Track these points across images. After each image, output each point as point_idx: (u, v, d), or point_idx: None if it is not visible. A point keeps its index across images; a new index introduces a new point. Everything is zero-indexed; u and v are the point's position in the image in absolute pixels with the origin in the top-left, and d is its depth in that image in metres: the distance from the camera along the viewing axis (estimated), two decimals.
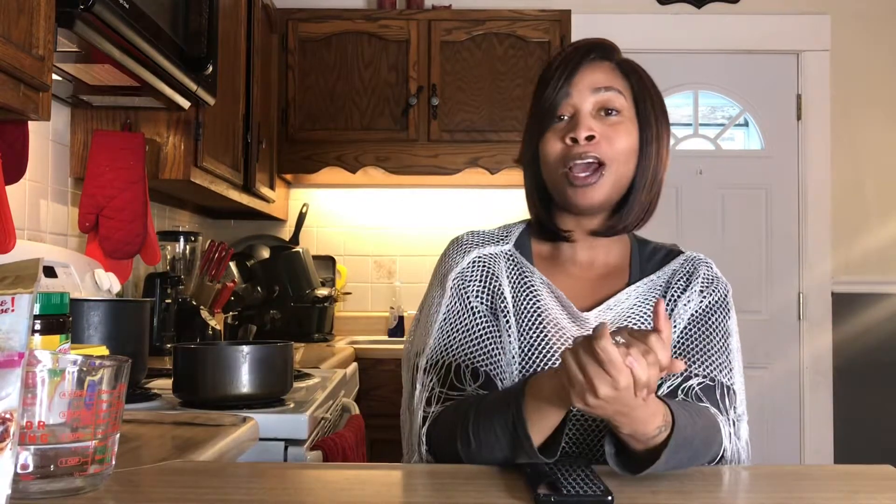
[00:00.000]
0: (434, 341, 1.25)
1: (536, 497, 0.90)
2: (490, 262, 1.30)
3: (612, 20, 3.74)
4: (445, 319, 1.26)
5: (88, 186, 2.19)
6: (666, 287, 1.30)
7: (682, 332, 1.25)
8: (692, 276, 1.30)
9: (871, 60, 3.74)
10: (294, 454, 1.60)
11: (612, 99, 1.25)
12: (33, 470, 0.84)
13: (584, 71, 1.26)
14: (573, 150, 1.23)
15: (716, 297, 1.29)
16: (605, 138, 1.23)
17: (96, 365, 0.89)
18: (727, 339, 1.28)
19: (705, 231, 3.78)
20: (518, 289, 1.27)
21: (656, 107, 1.29)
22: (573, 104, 1.25)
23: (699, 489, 0.99)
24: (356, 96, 3.46)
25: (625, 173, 1.25)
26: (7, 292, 0.81)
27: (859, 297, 3.72)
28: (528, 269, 1.29)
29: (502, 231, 1.36)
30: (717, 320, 1.28)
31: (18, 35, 1.30)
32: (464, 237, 1.34)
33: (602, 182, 1.23)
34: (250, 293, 3.26)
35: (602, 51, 1.29)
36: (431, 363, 1.23)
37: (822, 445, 3.69)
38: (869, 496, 0.97)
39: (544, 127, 1.27)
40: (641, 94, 1.28)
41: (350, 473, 1.12)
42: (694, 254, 1.36)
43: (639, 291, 1.29)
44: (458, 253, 1.31)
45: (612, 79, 1.27)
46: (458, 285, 1.28)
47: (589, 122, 1.23)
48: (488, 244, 1.32)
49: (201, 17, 2.09)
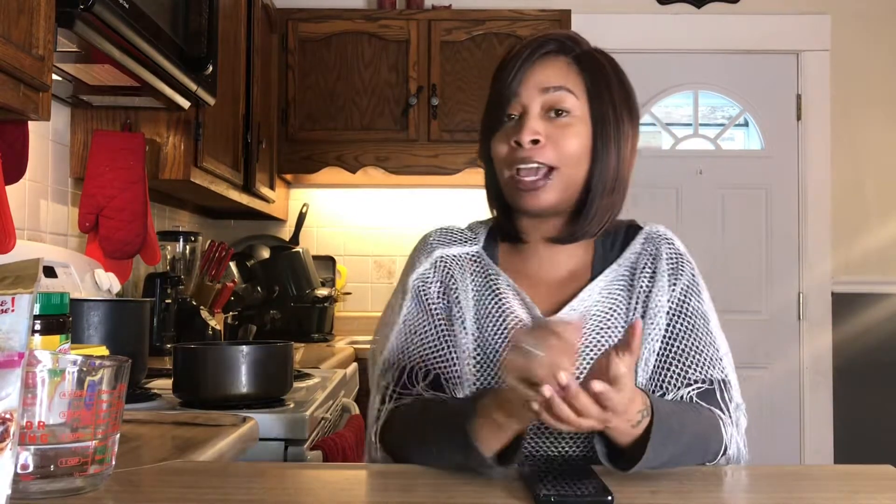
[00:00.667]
0: (392, 344, 1.23)
1: (536, 497, 0.90)
2: (452, 264, 1.27)
3: (612, 20, 3.74)
4: (405, 322, 1.24)
5: (88, 186, 2.19)
6: (631, 275, 1.25)
7: (667, 335, 1.21)
8: (657, 259, 1.25)
9: (871, 60, 3.74)
10: (294, 454, 1.60)
11: (562, 99, 1.20)
12: (33, 470, 0.84)
13: (535, 68, 1.21)
14: (518, 154, 1.19)
15: (686, 281, 1.24)
16: (551, 141, 1.18)
17: (96, 365, 0.89)
18: (709, 326, 1.24)
19: (705, 231, 3.78)
20: (483, 291, 1.25)
21: (618, 104, 1.22)
22: (522, 103, 1.20)
23: (699, 489, 0.99)
24: (356, 96, 3.46)
25: (575, 176, 1.20)
26: (7, 292, 0.81)
27: (859, 297, 3.72)
28: (493, 270, 1.26)
29: (471, 231, 1.32)
30: (695, 309, 1.23)
31: (18, 35, 1.30)
32: (431, 236, 1.31)
33: (550, 186, 1.18)
34: (250, 293, 3.26)
35: (558, 45, 1.23)
36: (387, 366, 1.22)
37: (822, 445, 3.69)
38: (869, 496, 0.97)
39: (494, 126, 1.23)
40: (598, 92, 1.21)
41: (350, 473, 1.12)
42: (653, 228, 1.29)
43: (601, 285, 1.24)
44: (423, 253, 1.29)
45: (565, 76, 1.21)
46: (419, 287, 1.26)
47: (534, 125, 1.19)
48: (455, 244, 1.29)
49: (201, 17, 2.09)
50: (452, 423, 1.03)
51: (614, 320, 1.22)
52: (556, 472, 0.99)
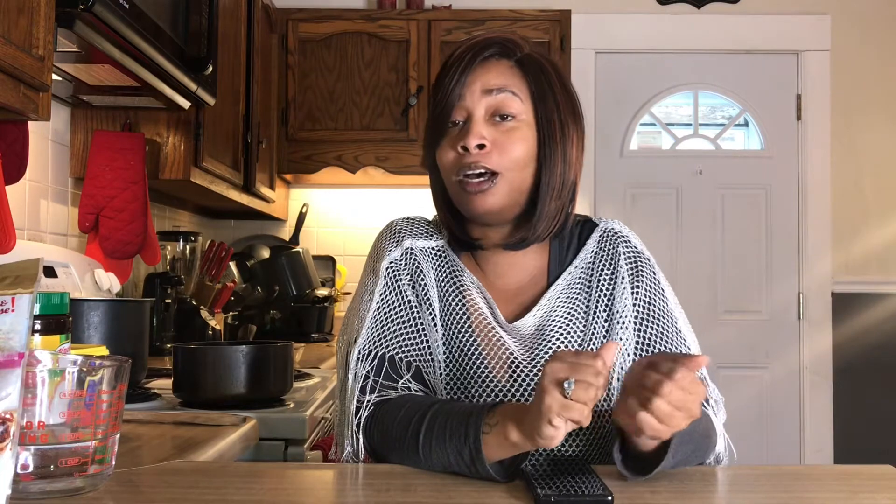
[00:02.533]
0: (367, 331, 1.21)
1: (536, 497, 0.90)
2: (420, 256, 1.26)
3: (611, 20, 3.74)
4: (379, 308, 1.22)
5: (88, 186, 2.19)
6: (588, 276, 1.25)
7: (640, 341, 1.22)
8: (615, 259, 1.25)
9: (871, 60, 3.74)
10: (294, 454, 1.61)
11: (507, 103, 1.19)
12: (33, 470, 0.84)
13: (477, 71, 1.20)
14: (464, 160, 1.18)
15: (647, 282, 1.25)
16: (497, 146, 1.17)
17: (96, 365, 0.89)
18: (677, 326, 1.24)
19: (705, 231, 3.78)
20: (447, 287, 1.24)
21: (562, 107, 1.21)
22: (466, 108, 1.19)
23: (699, 489, 0.99)
24: (356, 96, 3.46)
25: (522, 180, 1.19)
26: (7, 292, 0.81)
27: (859, 297, 3.72)
28: (458, 267, 1.26)
29: (435, 225, 1.31)
30: (661, 311, 1.23)
31: (18, 35, 1.30)
32: (397, 224, 1.30)
33: (495, 189, 1.17)
34: (250, 293, 3.25)
35: (499, 48, 1.22)
36: (364, 353, 1.19)
37: (822, 445, 3.69)
38: (869, 496, 0.97)
39: (439, 133, 1.22)
40: (542, 95, 1.21)
41: (350, 474, 1.12)
42: (607, 225, 1.29)
43: (559, 290, 1.24)
44: (392, 240, 1.28)
45: (508, 79, 1.20)
46: (392, 273, 1.24)
47: (480, 130, 1.18)
48: (421, 237, 1.28)
49: (201, 17, 2.09)
50: (460, 433, 1.02)
51: (574, 325, 1.22)
52: (556, 472, 0.99)
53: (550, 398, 0.91)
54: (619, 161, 3.79)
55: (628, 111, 3.78)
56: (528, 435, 0.95)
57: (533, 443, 0.94)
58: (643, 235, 1.40)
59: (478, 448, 0.99)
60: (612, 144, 3.79)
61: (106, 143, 2.22)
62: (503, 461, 1.00)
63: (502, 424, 0.98)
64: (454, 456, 1.02)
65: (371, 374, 1.18)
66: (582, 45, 3.63)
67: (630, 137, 3.81)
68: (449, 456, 1.02)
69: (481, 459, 0.98)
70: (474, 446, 0.99)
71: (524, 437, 0.95)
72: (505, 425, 0.98)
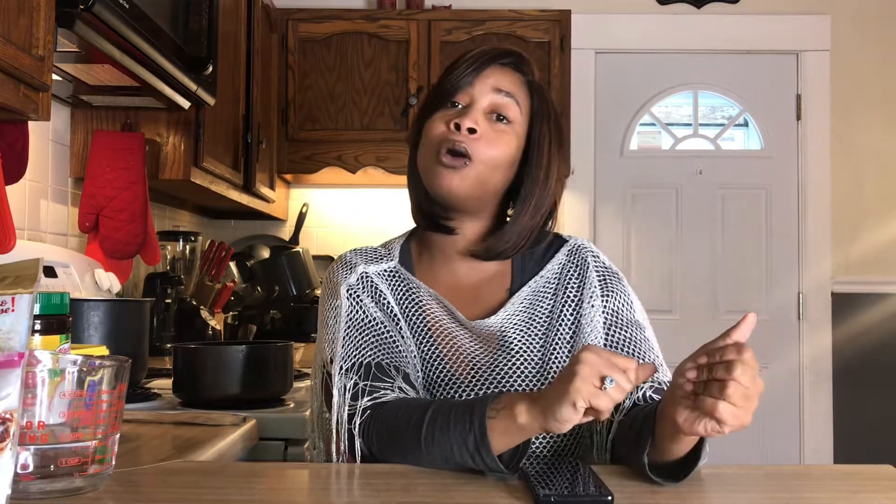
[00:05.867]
0: (344, 347, 1.21)
1: (536, 497, 0.90)
2: (376, 279, 1.28)
3: (611, 20, 3.74)
4: (350, 325, 1.23)
5: (88, 186, 2.19)
6: (556, 284, 1.28)
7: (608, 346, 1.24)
8: (583, 270, 1.28)
9: (871, 60, 3.74)
10: (294, 454, 1.61)
11: (508, 106, 1.24)
12: (33, 470, 0.84)
13: (493, 69, 1.26)
14: (450, 136, 1.22)
15: (617, 294, 1.28)
16: (485, 138, 1.22)
17: (96, 365, 0.89)
18: (645, 334, 1.27)
19: (705, 231, 3.78)
20: (405, 304, 1.26)
21: (553, 135, 1.27)
22: (472, 95, 1.24)
23: (699, 489, 0.99)
24: (356, 96, 3.46)
25: (491, 179, 1.23)
26: (7, 292, 0.81)
27: (859, 297, 3.72)
28: (413, 283, 1.28)
29: (384, 248, 1.34)
30: (629, 318, 1.26)
31: (18, 35, 1.30)
32: (347, 255, 1.32)
33: (466, 172, 1.21)
34: (250, 293, 3.25)
35: (518, 60, 1.29)
36: (347, 366, 1.19)
37: (822, 445, 3.69)
38: (869, 496, 0.97)
39: (435, 107, 1.26)
40: (540, 117, 1.27)
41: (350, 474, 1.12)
42: (577, 241, 1.32)
43: (524, 295, 1.27)
44: (344, 269, 1.29)
45: (517, 89, 1.26)
46: (353, 294, 1.26)
47: (477, 116, 1.23)
48: (372, 262, 1.30)
49: (201, 17, 2.09)
50: (465, 418, 1.02)
51: (534, 329, 1.24)
52: (556, 472, 0.99)
53: (583, 383, 0.92)
54: (618, 161, 3.79)
55: (628, 111, 3.78)
56: (541, 416, 0.95)
57: (543, 423, 0.95)
58: (643, 235, 1.41)
59: (483, 433, 0.99)
60: (612, 144, 3.79)
61: (106, 143, 2.22)
62: (503, 455, 1.00)
63: (510, 408, 0.99)
64: (458, 445, 1.01)
65: (360, 382, 1.18)
66: (582, 45, 3.63)
67: (630, 137, 3.81)
68: (452, 445, 1.02)
69: (486, 445, 0.98)
70: (479, 432, 0.99)
71: (533, 419, 0.96)
72: (513, 408, 0.98)
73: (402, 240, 1.36)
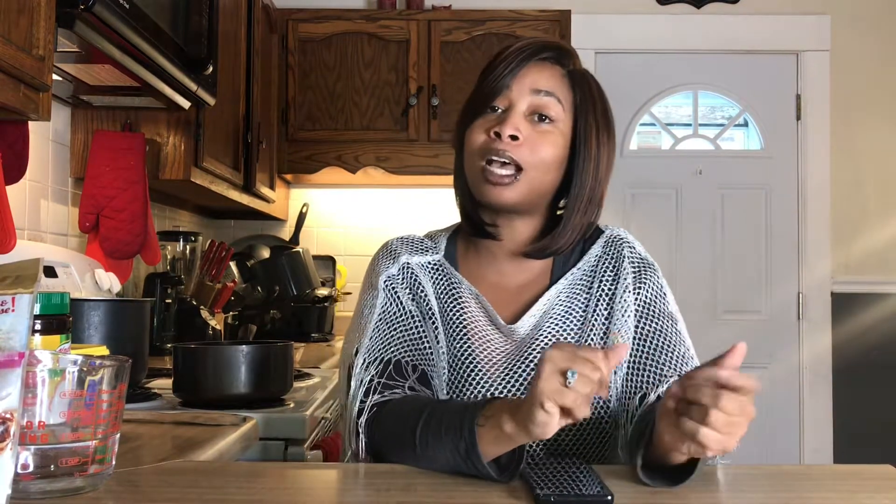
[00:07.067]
0: (371, 340, 1.21)
1: (536, 497, 0.90)
2: (417, 271, 1.27)
3: (611, 20, 3.74)
4: (381, 318, 1.23)
5: (88, 186, 2.19)
6: (591, 276, 1.26)
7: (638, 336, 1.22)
8: (618, 261, 1.26)
9: (871, 60, 3.74)
10: (294, 454, 1.61)
11: (549, 105, 1.21)
12: (33, 470, 0.84)
13: (531, 68, 1.22)
14: (493, 145, 1.19)
15: (651, 284, 1.26)
16: (529, 143, 1.19)
17: (96, 365, 0.89)
18: (677, 327, 1.24)
19: (705, 231, 3.78)
20: (445, 299, 1.25)
21: (600, 124, 1.24)
22: (510, 98, 1.21)
23: (699, 489, 0.99)
24: (356, 96, 3.46)
25: (542, 183, 1.21)
26: (7, 292, 0.81)
27: (859, 297, 3.72)
28: (456, 279, 1.27)
29: (431, 240, 1.33)
30: (661, 309, 1.24)
31: (18, 35, 1.30)
32: (393, 243, 1.32)
33: (517, 186, 1.19)
34: (250, 293, 3.26)
35: (557, 53, 1.25)
36: (369, 360, 1.19)
37: (822, 445, 3.69)
38: (869, 496, 0.97)
39: (476, 114, 1.24)
40: (584, 109, 1.23)
41: (350, 473, 1.12)
42: (613, 232, 1.30)
43: (560, 289, 1.25)
44: (388, 258, 1.29)
45: (557, 86, 1.23)
46: (390, 286, 1.25)
47: (518, 122, 1.20)
48: (416, 253, 1.29)
49: (201, 17, 2.09)
50: (455, 426, 1.00)
51: (570, 321, 1.23)
52: (556, 472, 0.99)
53: (545, 382, 0.89)
54: (618, 161, 3.74)
55: (628, 111, 3.78)
56: (522, 424, 0.92)
57: (527, 433, 0.92)
58: (643, 235, 1.41)
59: (472, 442, 0.97)
60: None
61: (106, 143, 2.22)
62: (500, 460, 0.99)
63: (497, 416, 0.96)
64: (450, 451, 1.00)
65: (375, 378, 1.18)
66: (582, 45, 3.63)
67: (630, 137, 3.81)
68: (446, 451, 1.01)
69: (476, 453, 0.97)
70: (469, 440, 0.97)
71: (518, 427, 0.93)
72: (500, 416, 0.95)
73: (448, 233, 1.34)
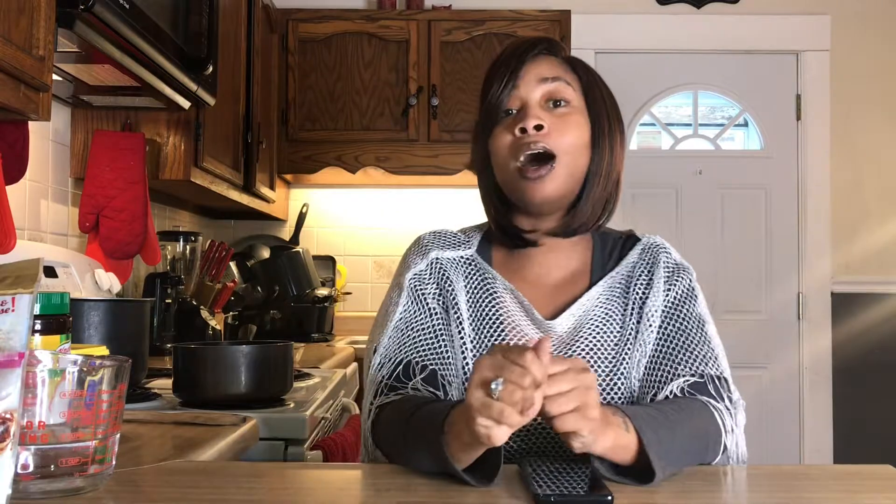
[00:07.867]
0: (389, 339, 1.22)
1: (536, 497, 0.90)
2: (447, 266, 1.27)
3: (611, 20, 3.74)
4: (402, 318, 1.23)
5: (88, 186, 2.20)
6: (627, 282, 1.26)
7: (660, 336, 1.22)
8: (653, 266, 1.26)
9: (871, 60, 3.74)
10: (294, 454, 1.60)
11: (561, 89, 1.22)
12: (33, 470, 0.84)
13: (529, 64, 1.23)
14: (522, 140, 1.19)
15: (681, 285, 1.25)
16: (555, 130, 1.19)
17: (96, 365, 0.89)
18: (704, 327, 1.24)
19: (705, 231, 3.78)
20: (479, 294, 1.25)
21: (607, 101, 1.26)
22: (521, 97, 1.21)
23: (699, 489, 0.99)
24: (356, 96, 3.46)
25: (578, 166, 1.21)
26: (7, 292, 0.81)
27: (859, 297, 3.72)
28: (490, 274, 1.26)
29: (464, 235, 1.32)
30: (688, 310, 1.24)
31: (18, 35, 1.30)
32: (425, 237, 1.31)
33: (554, 175, 1.18)
34: (250, 293, 3.26)
35: (548, 45, 1.26)
36: (384, 360, 1.21)
37: (822, 445, 3.69)
38: (869, 496, 0.97)
39: (493, 123, 1.23)
40: (590, 87, 1.25)
41: (350, 473, 1.12)
42: (651, 239, 1.31)
43: (599, 291, 1.25)
44: (418, 254, 1.29)
45: (561, 71, 1.24)
46: (415, 285, 1.26)
47: (537, 112, 1.20)
48: (449, 248, 1.29)
49: (201, 17, 2.09)
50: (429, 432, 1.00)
51: (610, 325, 1.23)
52: (557, 472, 0.99)
53: (471, 397, 0.89)
54: None
55: (628, 111, 3.78)
56: (473, 433, 0.90)
57: (481, 442, 0.90)
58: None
59: (440, 448, 0.97)
60: None
61: (106, 143, 2.22)
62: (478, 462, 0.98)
63: (457, 424, 0.95)
64: (428, 457, 1.01)
65: (385, 379, 1.19)
66: (582, 45, 3.63)
67: (630, 137, 3.81)
68: (428, 456, 1.01)
69: (446, 461, 0.96)
70: (437, 448, 0.97)
71: (473, 436, 0.91)
72: (459, 424, 0.95)
73: (483, 230, 1.33)
